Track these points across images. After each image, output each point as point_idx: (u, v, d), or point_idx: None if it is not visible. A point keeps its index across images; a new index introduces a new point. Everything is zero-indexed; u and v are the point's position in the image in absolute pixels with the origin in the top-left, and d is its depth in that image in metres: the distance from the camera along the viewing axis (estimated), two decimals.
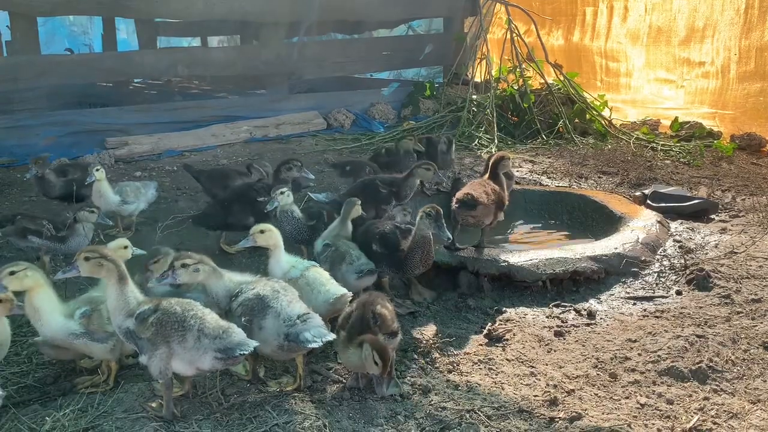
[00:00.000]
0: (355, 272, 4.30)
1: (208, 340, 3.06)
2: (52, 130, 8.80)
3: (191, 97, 12.01)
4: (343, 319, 3.57)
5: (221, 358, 3.05)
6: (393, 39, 13.31)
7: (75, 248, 5.05)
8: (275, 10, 10.30)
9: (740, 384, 3.59)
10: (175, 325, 3.08)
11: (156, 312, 3.12)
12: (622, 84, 11.10)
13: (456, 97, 10.69)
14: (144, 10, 9.75)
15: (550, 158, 8.58)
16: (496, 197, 5.00)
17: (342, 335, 3.46)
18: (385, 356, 3.27)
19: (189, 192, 7.18)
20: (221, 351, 3.04)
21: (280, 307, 3.35)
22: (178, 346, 3.08)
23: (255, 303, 3.38)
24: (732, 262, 5.04)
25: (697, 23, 9.58)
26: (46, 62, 9.23)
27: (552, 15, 12.10)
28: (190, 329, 3.08)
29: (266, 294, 3.41)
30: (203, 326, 3.09)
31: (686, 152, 8.55)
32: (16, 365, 3.80)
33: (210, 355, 3.06)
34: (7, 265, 3.33)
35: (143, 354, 3.13)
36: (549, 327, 4.27)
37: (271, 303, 3.37)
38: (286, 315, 3.32)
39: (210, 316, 3.17)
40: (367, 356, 3.29)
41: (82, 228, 4.98)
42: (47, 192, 6.07)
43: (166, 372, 3.11)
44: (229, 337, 3.08)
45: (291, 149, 9.09)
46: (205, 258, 3.54)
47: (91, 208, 5.08)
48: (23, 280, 3.31)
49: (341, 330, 3.51)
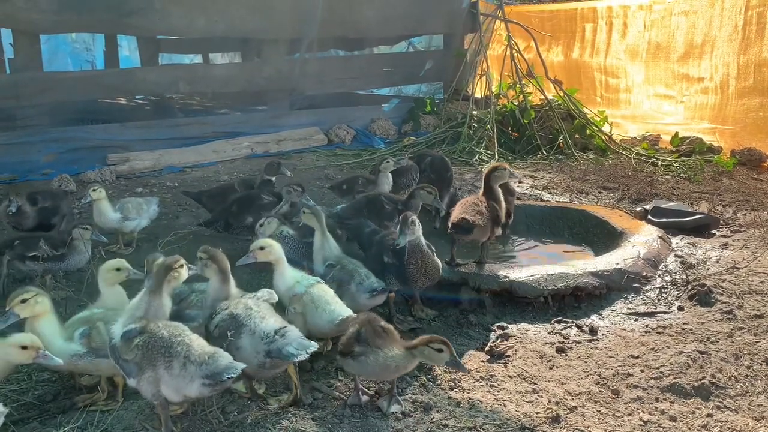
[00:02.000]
0: (366, 291, 4.18)
1: (194, 367, 2.97)
2: (54, 146, 8.84)
3: (193, 113, 12.05)
4: (349, 339, 3.49)
5: (209, 384, 2.95)
6: (393, 55, 13.40)
7: (75, 266, 5.06)
8: (276, 27, 10.38)
9: (743, 400, 3.56)
10: (162, 350, 3.01)
11: (142, 334, 3.07)
12: (622, 99, 11.16)
13: (456, 113, 10.74)
14: (146, 27, 9.81)
15: (550, 174, 8.59)
16: (492, 214, 4.98)
17: (356, 349, 3.41)
18: (443, 341, 3.29)
19: (190, 208, 7.18)
20: (208, 377, 2.95)
21: (254, 325, 3.29)
22: (165, 372, 3.00)
23: (229, 323, 3.32)
24: (734, 278, 5.02)
25: (696, 39, 9.64)
26: (48, 79, 9.28)
27: (552, 31, 12.19)
28: (176, 356, 2.99)
29: (239, 312, 3.35)
30: (189, 353, 3.00)
31: (687, 167, 8.56)
32: (15, 382, 3.78)
33: (197, 383, 2.96)
34: (17, 292, 3.33)
35: (130, 377, 3.07)
36: (551, 343, 4.25)
37: (245, 321, 3.30)
38: (262, 332, 3.26)
39: (197, 342, 3.09)
40: (429, 354, 3.29)
41: (82, 245, 4.97)
42: (21, 224, 5.59)
43: (158, 394, 3.05)
44: (215, 362, 2.98)
45: (292, 165, 9.11)
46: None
47: (85, 225, 5.05)
48: (34, 307, 3.31)
49: (353, 345, 3.43)
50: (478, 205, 4.98)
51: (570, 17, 12.05)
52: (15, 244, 4.99)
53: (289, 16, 10.40)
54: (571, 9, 12.28)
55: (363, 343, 3.40)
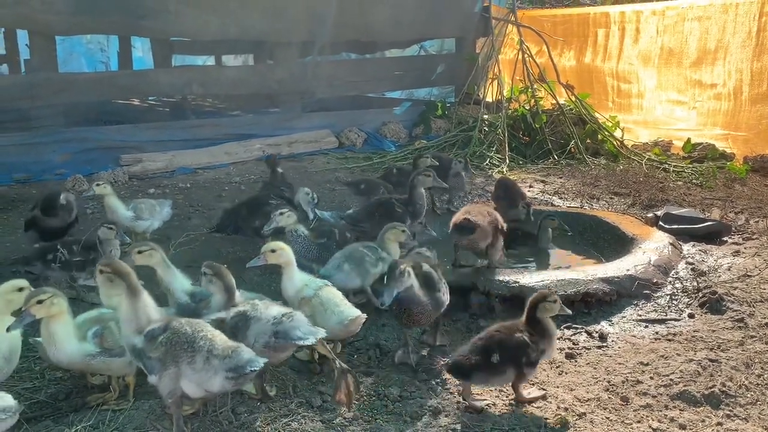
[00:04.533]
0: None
1: (217, 361, 3.04)
2: (68, 147, 8.92)
3: (205, 115, 12.13)
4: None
5: (232, 377, 3.02)
6: (405, 59, 13.41)
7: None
8: (289, 30, 10.43)
9: (754, 409, 3.55)
10: (185, 345, 3.07)
11: (166, 331, 3.12)
12: (634, 105, 11.11)
13: (467, 117, 10.73)
14: (159, 29, 9.89)
15: (561, 178, 8.58)
16: (492, 221, 5.02)
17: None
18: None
19: (202, 209, 7.23)
20: (231, 370, 3.02)
21: (260, 313, 3.41)
22: (187, 367, 3.05)
23: (238, 319, 3.43)
24: (745, 286, 5.00)
25: (709, 45, 9.60)
26: (63, 80, 9.37)
27: (564, 36, 12.16)
28: (199, 350, 3.06)
29: (245, 309, 3.48)
30: (212, 347, 3.07)
31: (699, 174, 8.52)
32: (28, 381, 3.83)
33: (221, 376, 3.02)
34: (33, 292, 3.36)
35: (152, 374, 3.12)
36: (560, 349, 4.24)
37: (251, 313, 3.43)
38: (269, 315, 3.38)
39: (219, 337, 3.16)
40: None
41: (109, 246, 4.97)
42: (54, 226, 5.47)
43: (175, 392, 3.09)
44: (238, 355, 3.05)
45: (303, 167, 9.15)
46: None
47: (109, 225, 5.03)
48: (50, 308, 3.34)
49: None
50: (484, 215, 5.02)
51: (583, 22, 12.02)
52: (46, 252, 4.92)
53: (302, 18, 10.44)
54: (584, 14, 12.25)
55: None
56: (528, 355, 3.47)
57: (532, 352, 3.49)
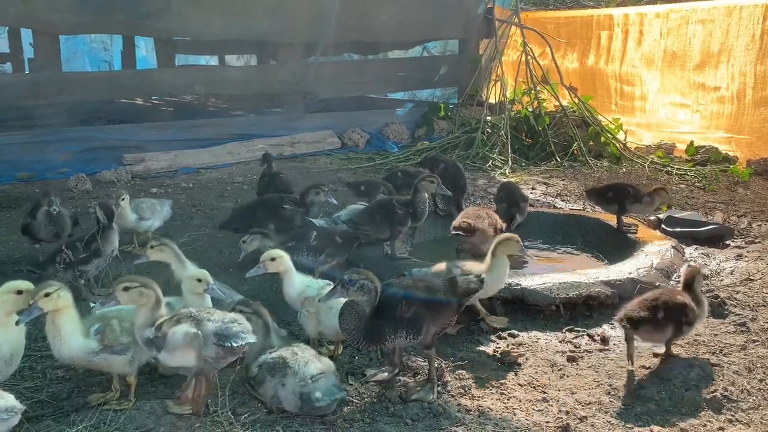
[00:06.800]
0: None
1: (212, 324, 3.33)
2: (71, 145, 8.92)
3: (208, 115, 12.14)
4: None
5: (218, 344, 3.28)
6: (408, 60, 13.40)
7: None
8: (292, 31, 10.43)
9: (756, 414, 3.54)
10: (190, 320, 3.37)
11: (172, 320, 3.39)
12: (637, 107, 11.10)
13: (470, 118, 10.73)
14: (163, 28, 9.89)
15: (564, 181, 8.57)
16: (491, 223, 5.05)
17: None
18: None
19: (204, 209, 7.24)
20: (219, 336, 3.29)
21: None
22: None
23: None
24: (748, 290, 4.99)
25: (712, 48, 9.58)
26: (66, 79, 9.39)
27: (567, 38, 12.15)
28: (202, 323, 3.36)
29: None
30: (210, 318, 3.38)
31: (702, 177, 8.51)
32: (30, 380, 3.83)
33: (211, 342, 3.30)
34: (41, 286, 3.38)
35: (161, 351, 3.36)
36: (562, 352, 4.24)
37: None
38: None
39: (219, 314, 3.45)
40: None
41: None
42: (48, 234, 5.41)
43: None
44: (229, 325, 3.34)
45: (306, 168, 9.15)
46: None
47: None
48: (57, 301, 3.36)
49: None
50: (485, 217, 5.05)
51: (586, 24, 12.01)
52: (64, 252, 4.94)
53: (305, 19, 10.44)
54: (587, 16, 12.24)
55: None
56: (687, 315, 3.95)
57: (690, 312, 3.96)
